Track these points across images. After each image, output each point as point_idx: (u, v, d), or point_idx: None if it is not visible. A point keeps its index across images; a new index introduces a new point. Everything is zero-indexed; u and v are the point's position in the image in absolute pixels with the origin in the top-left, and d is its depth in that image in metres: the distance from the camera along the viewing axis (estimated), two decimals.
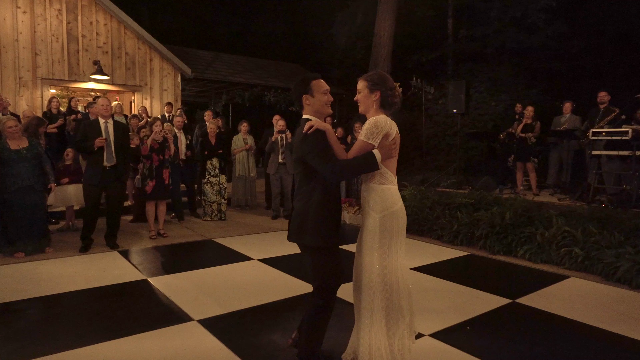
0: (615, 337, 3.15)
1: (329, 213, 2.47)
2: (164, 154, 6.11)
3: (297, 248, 2.60)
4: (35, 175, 5.01)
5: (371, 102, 2.55)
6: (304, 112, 2.55)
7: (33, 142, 5.16)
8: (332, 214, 2.49)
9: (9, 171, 4.86)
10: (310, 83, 2.53)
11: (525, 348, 2.98)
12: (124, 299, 3.84)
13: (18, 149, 4.96)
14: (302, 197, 2.50)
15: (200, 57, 13.10)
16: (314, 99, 2.52)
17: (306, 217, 2.46)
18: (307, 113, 2.53)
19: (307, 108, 2.53)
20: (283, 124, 7.75)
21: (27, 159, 4.95)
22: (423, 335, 3.12)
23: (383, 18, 12.98)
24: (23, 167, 4.90)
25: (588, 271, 4.65)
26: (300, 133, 2.47)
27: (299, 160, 2.50)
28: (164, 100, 10.57)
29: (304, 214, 2.47)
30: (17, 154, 4.88)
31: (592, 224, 5.18)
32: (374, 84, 2.53)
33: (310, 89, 2.52)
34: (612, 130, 5.98)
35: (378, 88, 2.52)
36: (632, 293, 4.08)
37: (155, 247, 5.67)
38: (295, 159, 2.56)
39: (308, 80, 2.55)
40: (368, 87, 2.54)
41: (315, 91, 2.53)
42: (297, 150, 2.49)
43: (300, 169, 2.52)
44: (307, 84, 2.53)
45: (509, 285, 4.26)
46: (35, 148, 5.09)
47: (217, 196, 7.46)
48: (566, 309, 3.63)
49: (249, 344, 3.01)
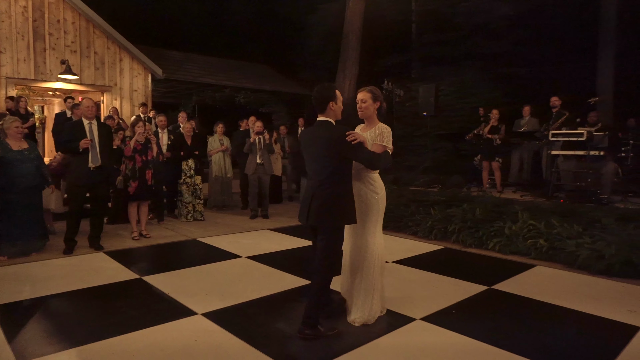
0: (581, 315, 3.56)
1: (351, 200, 3.06)
2: (147, 154, 6.14)
3: (283, 246, 2.93)
4: (39, 175, 4.97)
5: (373, 109, 3.21)
6: (324, 115, 2.99)
7: (31, 143, 5.14)
8: (352, 201, 3.07)
9: (15, 172, 4.80)
10: (336, 92, 2.97)
11: (506, 326, 3.33)
12: (124, 296, 3.92)
13: (20, 149, 4.93)
14: (327, 186, 2.96)
15: (170, 57, 12.99)
16: (337, 106, 3.02)
17: (332, 203, 2.95)
18: (328, 117, 3.01)
19: (330, 113, 3.00)
20: (261, 125, 7.90)
21: (30, 159, 4.90)
22: (415, 319, 3.41)
23: (351, 21, 13.35)
24: (27, 167, 4.86)
25: (552, 260, 5.11)
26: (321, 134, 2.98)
27: (331, 155, 2.95)
28: (134, 101, 10.47)
29: (330, 200, 2.95)
30: (20, 154, 4.83)
31: (553, 218, 5.66)
32: (376, 96, 3.20)
33: (335, 97, 2.97)
34: (569, 132, 6.54)
35: (379, 99, 3.20)
36: (592, 278, 4.55)
37: (141, 247, 5.71)
38: (322, 153, 2.97)
39: (334, 88, 2.97)
40: (372, 97, 3.18)
41: (338, 99, 3.00)
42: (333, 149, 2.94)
43: (328, 162, 2.96)
44: (334, 91, 2.97)
45: (484, 274, 4.62)
46: (35, 149, 5.07)
47: (192, 197, 7.53)
48: (537, 293, 4.03)
49: (257, 333, 3.19)
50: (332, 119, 3.03)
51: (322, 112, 3.02)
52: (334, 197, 2.95)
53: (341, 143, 2.91)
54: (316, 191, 2.98)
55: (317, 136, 3.02)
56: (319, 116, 3.05)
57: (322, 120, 3.02)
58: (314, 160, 3.04)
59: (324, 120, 3.02)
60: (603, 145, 6.49)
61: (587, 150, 6.35)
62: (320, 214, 2.95)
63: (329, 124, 3.01)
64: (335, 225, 2.98)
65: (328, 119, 3.01)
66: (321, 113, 3.03)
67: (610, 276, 4.55)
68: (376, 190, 3.22)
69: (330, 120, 3.02)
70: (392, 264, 4.99)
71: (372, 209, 3.20)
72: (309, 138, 3.09)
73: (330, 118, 3.02)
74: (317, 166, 3.00)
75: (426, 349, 2.96)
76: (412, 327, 3.28)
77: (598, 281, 4.45)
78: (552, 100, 7.82)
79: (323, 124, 3.00)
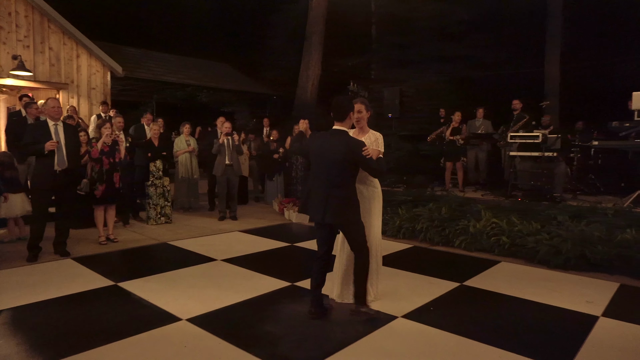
0: (545, 306, 3.84)
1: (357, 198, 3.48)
2: (115, 156, 5.97)
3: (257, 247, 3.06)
4: None
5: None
6: (342, 124, 3.38)
7: None
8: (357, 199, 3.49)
9: None
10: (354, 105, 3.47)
11: (479, 320, 3.55)
12: (103, 304, 3.82)
13: None
14: (342, 187, 3.34)
15: (128, 54, 12.57)
16: (354, 117, 3.52)
17: (349, 201, 3.36)
18: (344, 126, 3.40)
19: (347, 122, 3.40)
20: (229, 126, 7.85)
21: None
22: (396, 317, 3.56)
23: (314, 22, 13.46)
24: None
25: (514, 256, 5.44)
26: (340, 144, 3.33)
27: (348, 162, 3.31)
28: (92, 100, 10.07)
29: (347, 199, 3.36)
30: None
31: (513, 215, 6.03)
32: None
33: (354, 108, 3.47)
34: (527, 134, 6.96)
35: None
36: (551, 272, 4.90)
37: (110, 252, 5.55)
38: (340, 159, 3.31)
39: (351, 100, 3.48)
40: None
41: (354, 112, 3.48)
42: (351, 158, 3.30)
43: (344, 167, 3.32)
44: (352, 104, 3.48)
45: (455, 272, 4.86)
46: None
47: (161, 199, 7.39)
48: (505, 288, 4.30)
49: (246, 336, 3.23)
50: (346, 127, 3.42)
51: (340, 121, 3.39)
52: (349, 197, 3.37)
53: (358, 154, 3.29)
54: (331, 192, 3.32)
55: (335, 144, 3.34)
56: (337, 124, 3.40)
57: (339, 130, 3.39)
58: (330, 165, 3.34)
59: (341, 130, 3.40)
60: (556, 147, 6.95)
61: (542, 152, 6.79)
62: (340, 212, 3.33)
63: (346, 134, 3.41)
64: (353, 219, 3.40)
65: (344, 128, 3.41)
66: (340, 122, 3.39)
67: (567, 270, 4.92)
68: (375, 186, 3.75)
69: (346, 130, 3.43)
70: None
71: (374, 201, 3.73)
72: (326, 145, 3.38)
73: (346, 127, 3.41)
74: (333, 171, 3.33)
75: (411, 345, 3.11)
76: (396, 325, 3.43)
77: (557, 275, 4.80)
78: (513, 104, 8.26)
79: (341, 133, 3.38)
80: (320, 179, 3.40)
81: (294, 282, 4.42)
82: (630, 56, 13.74)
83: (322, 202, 3.34)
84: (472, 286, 4.38)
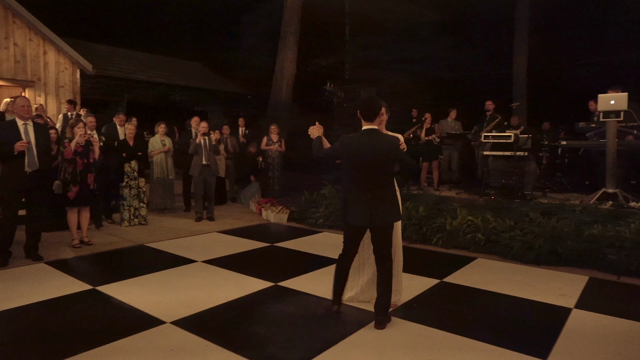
0: (521, 300, 4.00)
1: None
2: (89, 157, 5.81)
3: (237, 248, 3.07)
4: None
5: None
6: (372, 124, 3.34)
7: None
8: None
9: None
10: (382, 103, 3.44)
11: (460, 315, 3.65)
12: (81, 309, 3.72)
13: None
14: (386, 188, 3.30)
15: (97, 51, 12.22)
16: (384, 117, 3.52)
17: (394, 202, 3.37)
18: (376, 125, 3.36)
19: (376, 122, 3.35)
20: (206, 125, 7.76)
21: None
22: None
23: (289, 22, 13.44)
24: None
25: (489, 252, 5.61)
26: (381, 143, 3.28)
27: (389, 159, 3.29)
28: (60, 98, 9.76)
29: (392, 199, 3.35)
30: None
31: (488, 213, 6.21)
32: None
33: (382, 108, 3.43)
34: (499, 134, 7.19)
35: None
36: (525, 267, 5.08)
37: (85, 255, 5.40)
38: (382, 158, 3.26)
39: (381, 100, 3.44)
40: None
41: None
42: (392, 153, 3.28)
43: (387, 166, 3.29)
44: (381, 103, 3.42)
45: (434, 269, 4.97)
46: None
47: (136, 200, 7.24)
48: (482, 283, 4.44)
49: (233, 337, 3.22)
50: (378, 126, 3.37)
51: (371, 121, 3.32)
52: (394, 197, 3.37)
53: (399, 150, 3.31)
54: (377, 194, 3.24)
55: (375, 144, 3.26)
56: (367, 124, 3.33)
57: (373, 129, 3.32)
58: (372, 166, 3.24)
59: (374, 129, 3.33)
60: (527, 146, 7.20)
61: (514, 151, 7.02)
62: (388, 214, 3.28)
63: (381, 133, 3.37)
64: (397, 221, 3.40)
65: (377, 128, 3.34)
66: (370, 122, 3.32)
67: (539, 264, 5.12)
68: (396, 187, 3.63)
69: (378, 129, 3.37)
70: None
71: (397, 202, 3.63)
72: (365, 146, 3.26)
73: (377, 126, 3.36)
74: (376, 171, 3.24)
75: (396, 341, 3.17)
76: None
77: (530, 269, 4.98)
78: (486, 104, 8.51)
79: (376, 133, 3.31)
80: (361, 182, 3.27)
81: (278, 282, 4.43)
82: (592, 59, 14.36)
83: (367, 205, 3.22)
84: (451, 282, 4.50)
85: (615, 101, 6.23)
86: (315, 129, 3.69)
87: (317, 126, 3.71)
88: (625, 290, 4.35)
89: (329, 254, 5.54)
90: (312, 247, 5.93)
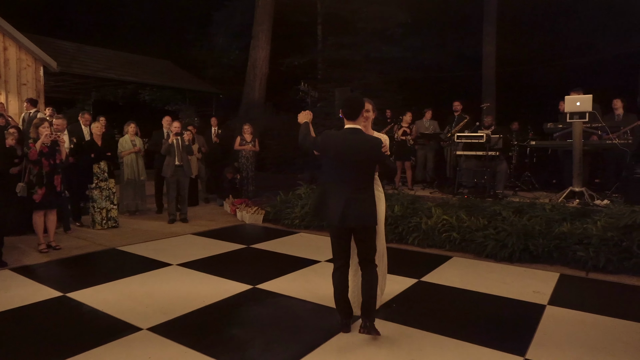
0: (496, 298, 4.08)
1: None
2: (55, 158, 5.58)
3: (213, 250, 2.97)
4: None
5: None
6: (355, 123, 3.21)
7: None
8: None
9: None
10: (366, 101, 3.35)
11: (438, 314, 3.70)
12: (51, 318, 3.57)
13: None
14: (364, 189, 3.18)
15: (62, 48, 11.76)
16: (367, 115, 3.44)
17: (369, 204, 3.18)
18: (359, 124, 3.24)
19: (360, 120, 3.24)
20: (178, 125, 7.60)
21: None
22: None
23: (261, 21, 13.34)
24: None
25: (464, 251, 5.70)
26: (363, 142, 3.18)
27: (370, 161, 3.21)
28: (23, 96, 9.33)
29: (367, 201, 3.18)
30: None
31: (462, 212, 6.33)
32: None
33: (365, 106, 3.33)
34: (472, 134, 7.34)
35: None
36: (499, 264, 5.20)
37: (53, 261, 5.19)
38: (362, 159, 3.16)
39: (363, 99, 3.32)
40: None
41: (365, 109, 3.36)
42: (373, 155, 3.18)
43: (367, 168, 3.21)
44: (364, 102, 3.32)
45: (411, 268, 5.01)
46: None
47: (106, 202, 7.01)
48: (458, 282, 4.51)
49: (212, 342, 3.15)
50: (361, 126, 3.25)
51: (354, 120, 3.20)
52: (372, 200, 3.22)
53: (380, 152, 3.19)
54: (353, 195, 3.12)
55: (356, 144, 3.15)
56: (349, 123, 3.21)
57: (355, 128, 3.20)
58: (352, 167, 3.14)
59: (356, 128, 3.21)
60: (498, 146, 7.38)
61: (486, 151, 7.18)
62: (363, 216, 3.13)
63: (364, 133, 3.25)
64: (374, 224, 3.25)
65: (359, 127, 3.22)
66: (352, 120, 3.21)
67: (512, 262, 5.23)
68: (379, 189, 3.63)
69: (361, 128, 3.24)
70: (324, 263, 5.18)
71: (380, 203, 3.57)
72: (346, 145, 3.14)
73: (360, 126, 3.24)
74: (355, 172, 3.15)
75: (378, 342, 3.17)
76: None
77: (504, 267, 5.09)
78: (454, 105, 8.67)
79: (358, 132, 3.20)
80: (338, 181, 3.17)
81: (256, 284, 4.37)
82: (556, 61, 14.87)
83: (341, 205, 3.10)
84: (429, 281, 4.56)
85: (581, 103, 6.45)
86: (304, 114, 3.55)
87: (306, 112, 3.56)
88: (594, 286, 4.51)
89: (307, 254, 5.52)
90: (290, 248, 5.89)
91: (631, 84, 8.27)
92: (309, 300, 3.98)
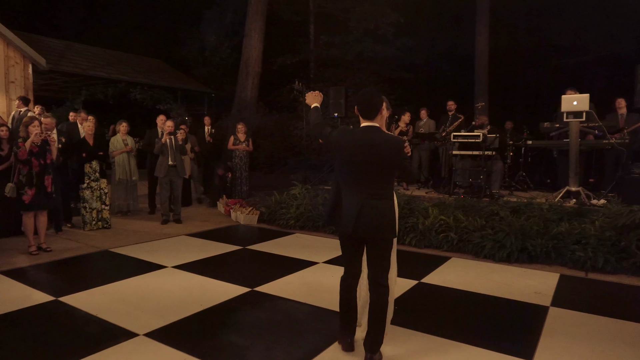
0: (498, 300, 4.05)
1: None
2: (46, 157, 5.44)
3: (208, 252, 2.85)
4: None
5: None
6: (373, 121, 2.85)
7: None
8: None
9: None
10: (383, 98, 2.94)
11: (441, 316, 3.64)
12: (44, 323, 3.44)
13: None
14: (381, 196, 2.78)
15: (51, 46, 11.53)
16: (385, 113, 3.04)
17: (390, 213, 2.81)
18: (377, 123, 2.87)
19: (378, 119, 2.88)
20: (171, 124, 7.47)
21: None
22: None
23: (254, 19, 13.19)
24: None
25: (462, 251, 5.67)
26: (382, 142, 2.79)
27: (389, 163, 2.79)
28: (11, 94, 9.10)
29: (388, 210, 2.80)
30: None
31: (459, 212, 6.29)
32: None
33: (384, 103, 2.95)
34: (468, 134, 7.31)
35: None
36: (497, 265, 5.17)
37: (44, 263, 5.04)
38: (381, 160, 2.77)
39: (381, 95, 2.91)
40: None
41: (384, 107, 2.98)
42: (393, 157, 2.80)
43: (386, 170, 2.81)
44: (382, 98, 2.93)
45: (410, 269, 4.95)
46: None
47: (98, 202, 6.87)
48: (458, 283, 4.47)
49: (210, 347, 3.06)
50: (380, 125, 2.92)
51: (371, 119, 2.84)
52: (390, 208, 2.82)
53: (400, 152, 2.81)
54: (369, 201, 2.75)
55: (375, 143, 2.78)
56: (366, 122, 2.84)
57: (373, 126, 2.83)
58: (368, 170, 2.78)
59: (375, 126, 2.84)
60: (494, 146, 7.36)
61: (483, 151, 7.15)
62: (379, 226, 2.75)
63: (384, 132, 2.89)
64: (392, 237, 2.86)
65: (377, 125, 2.87)
66: (370, 119, 2.84)
67: (511, 262, 5.21)
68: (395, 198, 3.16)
69: (380, 127, 2.90)
70: (322, 264, 5.12)
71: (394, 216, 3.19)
72: (362, 144, 2.80)
73: (378, 124, 2.88)
74: (372, 175, 2.79)
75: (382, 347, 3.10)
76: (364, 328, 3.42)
77: (503, 268, 5.06)
78: (448, 104, 8.64)
79: (377, 131, 2.83)
80: (354, 184, 2.81)
81: (254, 287, 4.28)
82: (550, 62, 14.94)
83: (355, 211, 2.76)
84: (430, 283, 4.50)
85: (578, 102, 6.45)
86: (314, 95, 3.15)
87: (316, 93, 3.18)
88: (594, 287, 4.50)
89: (304, 256, 5.45)
90: (286, 249, 5.81)
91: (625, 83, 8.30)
92: (308, 303, 3.91)
